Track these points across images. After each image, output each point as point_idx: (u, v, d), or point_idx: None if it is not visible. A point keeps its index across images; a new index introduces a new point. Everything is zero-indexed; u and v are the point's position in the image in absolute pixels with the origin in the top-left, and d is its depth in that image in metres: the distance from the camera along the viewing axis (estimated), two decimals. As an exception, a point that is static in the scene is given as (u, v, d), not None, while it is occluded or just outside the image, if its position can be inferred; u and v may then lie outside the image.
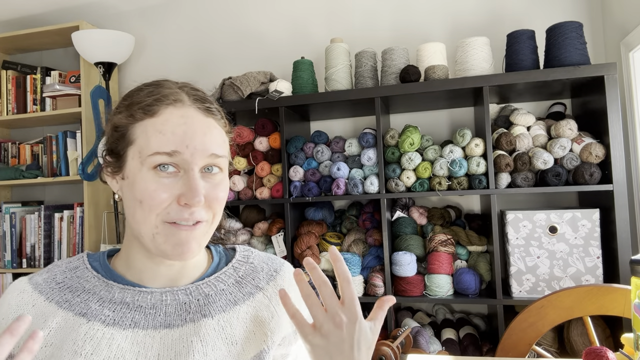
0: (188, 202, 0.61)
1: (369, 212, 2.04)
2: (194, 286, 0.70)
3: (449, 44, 2.15)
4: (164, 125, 0.63)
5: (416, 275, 1.81)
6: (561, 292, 1.30)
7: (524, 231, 1.69)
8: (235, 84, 1.97)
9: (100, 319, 0.64)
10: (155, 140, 0.62)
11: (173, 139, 0.62)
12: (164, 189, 0.62)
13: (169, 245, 0.63)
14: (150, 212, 0.62)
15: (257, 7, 2.46)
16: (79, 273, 0.69)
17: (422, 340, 1.69)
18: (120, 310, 0.66)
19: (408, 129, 1.82)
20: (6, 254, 2.52)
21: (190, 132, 0.63)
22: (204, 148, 0.64)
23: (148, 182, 0.62)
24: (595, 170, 1.62)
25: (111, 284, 0.68)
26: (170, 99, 0.65)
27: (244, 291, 0.73)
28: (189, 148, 0.62)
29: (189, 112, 0.65)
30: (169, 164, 0.62)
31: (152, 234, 0.63)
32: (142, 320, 0.65)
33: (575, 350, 1.61)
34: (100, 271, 0.70)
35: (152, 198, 0.61)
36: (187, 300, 0.69)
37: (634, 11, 1.69)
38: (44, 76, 2.54)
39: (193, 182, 0.62)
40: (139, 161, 0.63)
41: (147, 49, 2.64)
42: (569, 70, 1.63)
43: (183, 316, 0.67)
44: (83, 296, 0.66)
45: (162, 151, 0.62)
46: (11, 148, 2.67)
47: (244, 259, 0.78)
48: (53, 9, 2.57)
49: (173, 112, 0.64)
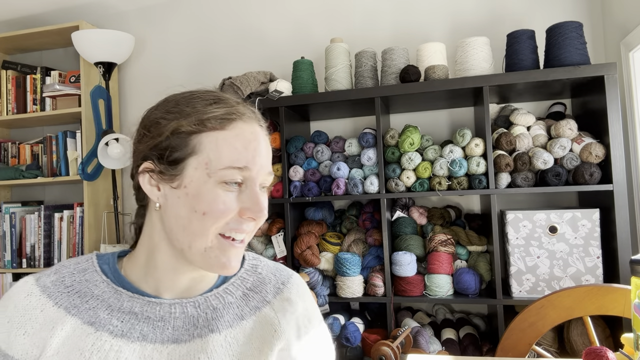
0: (254, 215, 0.63)
1: (369, 212, 2.04)
2: (203, 298, 0.69)
3: (449, 44, 2.15)
4: (237, 140, 0.63)
5: (416, 275, 1.81)
6: (561, 292, 1.30)
7: (524, 231, 1.69)
8: (235, 84, 1.97)
9: (109, 329, 0.63)
10: (229, 154, 0.62)
11: (245, 155, 0.63)
12: (230, 201, 0.62)
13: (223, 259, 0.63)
14: (213, 225, 0.62)
15: (257, 7, 2.46)
16: (88, 276, 0.68)
17: (422, 340, 1.69)
18: (128, 320, 0.65)
19: (408, 129, 1.82)
20: (6, 254, 2.52)
21: (259, 150, 0.65)
22: (266, 165, 0.66)
23: (216, 195, 0.62)
24: (595, 170, 1.62)
25: (120, 291, 0.67)
26: (239, 112, 0.65)
27: (250, 305, 0.72)
28: (256, 165, 0.64)
29: (256, 128, 0.66)
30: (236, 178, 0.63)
31: (204, 247, 0.63)
32: (150, 333, 0.65)
33: (575, 350, 1.61)
34: (110, 275, 0.69)
35: (219, 209, 0.61)
36: (196, 314, 0.68)
37: (634, 11, 1.69)
38: (44, 76, 2.54)
39: (258, 197, 0.64)
40: (205, 173, 0.62)
41: (147, 49, 2.64)
42: (569, 70, 1.63)
43: (191, 331, 0.66)
44: (92, 302, 0.65)
45: (235, 166, 0.62)
46: (11, 148, 2.67)
47: (252, 268, 0.77)
48: (53, 9, 2.57)
49: (244, 127, 0.65)
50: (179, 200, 0.63)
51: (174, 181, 0.63)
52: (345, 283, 1.84)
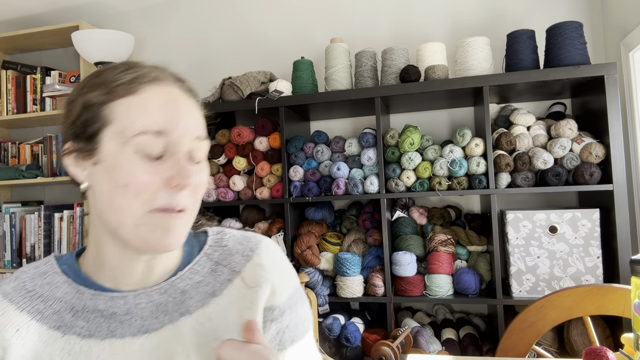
0: (180, 181, 0.57)
1: (369, 212, 2.04)
2: (168, 283, 0.65)
3: (449, 44, 2.15)
4: (149, 102, 0.58)
5: (416, 275, 1.81)
6: (561, 292, 1.30)
7: (524, 231, 1.69)
8: (235, 84, 1.97)
9: (76, 331, 0.61)
10: (140, 118, 0.57)
11: (159, 117, 0.58)
12: (153, 170, 0.57)
13: (156, 235, 0.58)
14: (136, 198, 0.57)
15: (257, 7, 2.46)
16: (49, 279, 0.65)
17: (422, 340, 1.69)
18: (94, 319, 0.62)
19: (408, 129, 1.82)
20: (6, 254, 2.52)
21: (179, 112, 0.59)
22: (191, 129, 0.60)
23: (134, 164, 0.57)
24: (595, 170, 1.62)
25: (82, 290, 0.63)
26: (152, 75, 0.61)
27: (220, 279, 0.68)
28: (177, 128, 0.58)
29: (173, 90, 0.61)
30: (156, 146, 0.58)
31: (134, 224, 0.58)
32: (118, 328, 0.62)
33: (575, 350, 1.61)
34: (70, 275, 0.65)
35: (140, 182, 0.56)
36: (164, 301, 0.64)
37: (634, 11, 1.69)
38: (44, 76, 2.54)
39: (182, 162, 0.58)
40: (121, 142, 0.57)
41: (147, 48, 2.63)
42: (569, 70, 1.63)
43: (160, 318, 0.63)
44: (55, 306, 0.62)
45: (149, 130, 0.57)
46: (11, 148, 2.67)
47: (216, 242, 0.72)
48: (53, 9, 2.57)
49: (157, 89, 0.60)
50: (101, 176, 0.59)
51: (93, 157, 0.60)
52: (345, 283, 1.84)
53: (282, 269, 0.72)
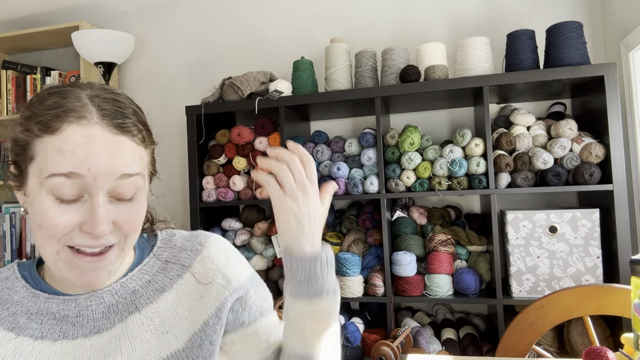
0: (90, 231, 0.57)
1: (369, 212, 2.04)
2: (118, 284, 0.67)
3: (449, 44, 2.15)
4: (64, 144, 0.56)
5: (416, 275, 1.81)
6: (561, 292, 1.30)
7: (524, 231, 1.69)
8: (235, 84, 1.97)
9: (29, 333, 0.63)
10: (53, 161, 0.56)
11: (72, 159, 0.56)
12: (65, 215, 0.57)
13: (72, 275, 0.60)
14: (50, 239, 0.58)
15: (257, 7, 2.46)
16: (9, 284, 0.67)
17: (422, 340, 1.69)
18: (47, 322, 0.64)
19: (408, 129, 1.82)
20: (6, 254, 2.52)
21: (95, 154, 0.57)
22: (110, 170, 0.58)
23: (47, 207, 0.57)
24: (595, 170, 1.62)
25: (37, 294, 0.66)
26: (73, 115, 0.58)
27: (170, 275, 0.70)
28: (90, 171, 0.56)
29: (95, 130, 0.58)
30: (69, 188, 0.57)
31: (53, 260, 0.59)
32: (70, 330, 0.64)
33: (575, 350, 1.61)
34: (30, 280, 0.68)
35: (51, 225, 0.57)
36: (114, 301, 0.66)
37: (634, 11, 1.69)
38: (44, 76, 2.54)
39: (95, 210, 0.57)
40: (38, 182, 0.57)
41: (147, 49, 2.64)
42: (569, 70, 1.63)
43: (111, 318, 0.66)
44: (12, 309, 0.65)
45: (58, 172, 0.56)
46: (11, 148, 2.67)
47: (165, 244, 0.74)
48: (53, 9, 2.57)
49: (75, 130, 0.57)
50: (29, 208, 0.61)
51: (22, 189, 0.62)
52: (345, 283, 1.84)
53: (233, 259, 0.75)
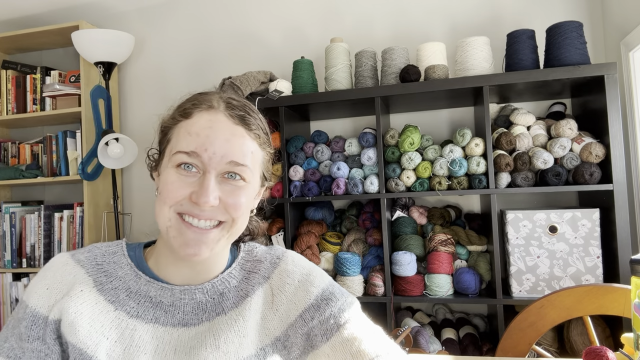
0: (196, 200, 0.64)
1: (369, 212, 2.04)
2: (210, 284, 0.73)
3: (449, 44, 2.14)
4: (192, 127, 0.67)
5: (416, 275, 1.81)
6: (561, 291, 1.30)
7: (524, 231, 1.69)
8: (235, 84, 1.97)
9: (126, 309, 0.70)
10: (182, 140, 0.67)
11: (196, 140, 0.66)
12: (181, 184, 0.66)
13: (177, 242, 0.66)
14: (165, 204, 0.66)
15: (257, 7, 2.46)
16: (116, 259, 0.74)
17: (422, 340, 1.69)
18: (143, 303, 0.70)
19: (408, 129, 1.82)
20: (6, 254, 2.52)
21: (213, 136, 0.66)
22: (223, 154, 0.66)
23: (168, 176, 0.67)
24: (595, 170, 1.62)
25: (140, 275, 0.72)
26: (205, 104, 0.69)
27: (252, 283, 0.76)
28: (207, 151, 0.65)
29: (219, 117, 0.68)
30: (191, 164, 0.66)
31: (166, 226, 0.67)
32: (162, 316, 0.70)
33: (575, 350, 1.61)
34: (134, 260, 0.74)
35: (169, 190, 0.65)
36: (204, 300, 0.72)
37: (634, 11, 1.69)
38: (44, 76, 2.54)
39: (205, 183, 0.65)
40: (168, 158, 0.68)
41: (147, 48, 2.63)
42: (569, 70, 1.63)
43: (199, 315, 0.71)
44: (115, 283, 0.71)
45: (182, 150, 0.66)
46: (11, 148, 2.67)
47: (248, 254, 0.80)
48: (53, 9, 2.57)
49: (204, 115, 0.68)
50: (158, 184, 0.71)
51: (157, 169, 0.72)
52: (345, 283, 1.84)
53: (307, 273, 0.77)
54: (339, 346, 0.70)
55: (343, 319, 0.72)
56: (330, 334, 0.71)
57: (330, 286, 0.76)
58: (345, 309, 0.73)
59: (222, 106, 0.69)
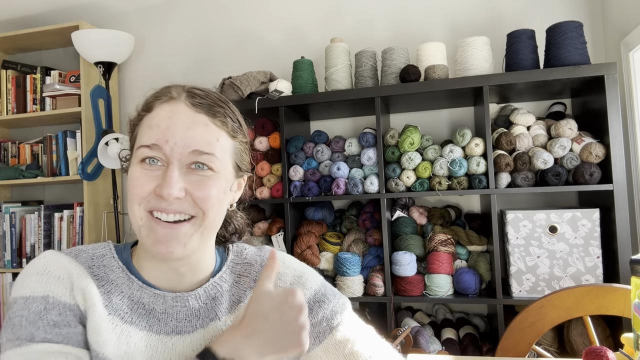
0: (160, 192, 0.62)
1: (369, 212, 2.04)
2: (202, 290, 0.71)
3: (449, 44, 2.14)
4: (153, 119, 0.65)
5: (416, 275, 1.81)
6: (561, 291, 1.30)
7: (524, 231, 1.69)
8: (235, 84, 1.97)
9: (119, 314, 0.66)
10: (144, 134, 0.65)
11: (156, 132, 0.64)
12: (146, 179, 0.63)
13: (150, 240, 0.63)
14: (134, 202, 0.64)
15: (257, 7, 2.46)
16: (106, 262, 0.70)
17: (422, 340, 1.69)
18: (137, 310, 0.68)
19: (408, 129, 1.82)
20: (6, 254, 2.52)
21: (173, 126, 0.64)
22: (185, 144, 0.63)
23: (134, 172, 0.64)
24: (595, 170, 1.62)
25: (132, 280, 0.69)
26: (167, 96, 0.67)
27: (243, 287, 0.74)
28: (168, 142, 0.63)
29: (179, 106, 0.65)
30: (154, 158, 0.63)
31: (138, 225, 0.64)
32: (155, 324, 0.68)
33: (575, 350, 1.61)
34: (124, 263, 0.71)
35: (134, 186, 0.63)
36: (197, 306, 0.70)
37: (634, 11, 1.69)
38: (44, 76, 2.54)
39: (168, 174, 0.62)
40: (134, 154, 0.66)
41: (147, 48, 2.63)
42: (569, 70, 1.63)
43: (193, 322, 0.69)
44: (107, 287, 0.68)
45: (144, 144, 0.64)
46: (11, 148, 2.67)
47: (237, 256, 0.78)
48: (53, 9, 2.57)
49: (164, 107, 0.66)
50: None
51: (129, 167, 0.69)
52: (345, 283, 1.84)
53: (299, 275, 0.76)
54: (332, 348, 0.70)
55: (336, 321, 0.72)
56: (323, 336, 0.71)
57: (322, 287, 0.76)
58: (338, 311, 0.73)
59: (183, 96, 0.66)
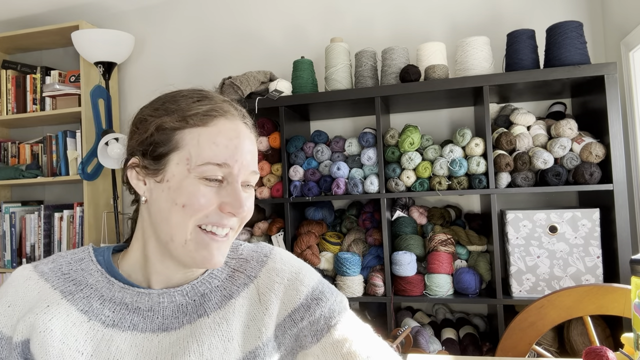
0: (233, 211, 0.64)
1: (369, 212, 2.04)
2: (190, 286, 0.71)
3: (449, 44, 2.14)
4: (218, 136, 0.65)
5: (416, 275, 1.81)
6: (561, 291, 1.30)
7: (524, 231, 1.69)
8: (235, 84, 1.97)
9: (101, 319, 0.66)
10: (209, 151, 0.64)
11: (225, 152, 0.64)
12: (212, 195, 0.64)
13: (200, 254, 0.65)
14: (191, 217, 0.63)
15: (257, 7, 2.46)
16: (84, 265, 0.70)
17: (422, 340, 1.69)
18: (119, 311, 0.67)
19: (408, 129, 1.82)
20: (6, 254, 2.52)
21: (241, 147, 0.66)
22: (248, 164, 0.67)
23: (196, 188, 0.63)
24: (595, 170, 1.62)
25: (112, 282, 0.69)
26: (222, 110, 0.67)
27: (237, 283, 0.73)
28: (237, 162, 0.65)
29: (240, 126, 0.68)
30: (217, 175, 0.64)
31: (184, 240, 0.64)
32: (140, 322, 0.67)
33: (575, 350, 1.61)
34: (104, 266, 0.71)
35: (198, 203, 0.63)
36: (184, 302, 0.69)
37: (634, 11, 1.69)
38: (44, 76, 2.54)
39: (239, 194, 0.65)
40: (186, 168, 0.64)
41: (147, 48, 2.63)
42: (569, 69, 1.63)
43: (180, 318, 0.68)
44: (86, 291, 0.68)
45: (214, 162, 0.63)
46: (11, 148, 2.67)
47: (232, 252, 0.78)
48: (53, 9, 2.57)
49: (225, 124, 0.66)
50: (162, 194, 0.65)
51: (158, 175, 0.65)
52: (345, 283, 1.84)
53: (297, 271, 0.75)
54: (330, 347, 0.69)
55: (334, 320, 0.71)
56: (321, 334, 0.70)
57: (320, 284, 0.75)
58: (336, 309, 0.72)
59: (236, 113, 0.69)
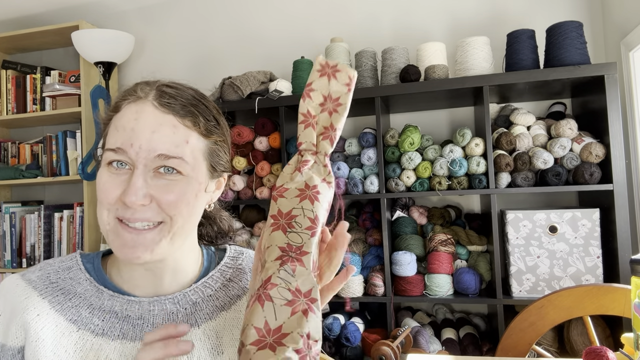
0: (124, 199, 0.58)
1: (369, 212, 2.04)
2: (182, 294, 0.68)
3: (449, 44, 2.14)
4: (119, 121, 0.61)
5: (416, 275, 1.81)
6: (561, 291, 1.30)
7: (524, 231, 1.69)
8: (235, 84, 1.97)
9: (90, 328, 0.64)
10: (111, 136, 0.62)
11: (122, 135, 0.60)
12: (113, 185, 0.60)
13: (115, 245, 0.61)
14: (102, 208, 0.61)
15: (257, 7, 2.46)
16: (72, 274, 0.68)
17: (422, 340, 1.69)
18: (109, 319, 0.65)
19: (408, 129, 1.82)
20: (6, 254, 2.52)
21: (138, 130, 0.59)
22: (150, 147, 0.59)
23: (102, 177, 0.61)
24: (595, 170, 1.62)
25: (102, 290, 0.67)
26: (135, 95, 0.62)
27: (230, 294, 0.71)
28: (133, 146, 0.59)
29: (145, 107, 0.61)
30: (121, 161, 0.60)
31: (105, 230, 0.62)
32: (130, 331, 0.65)
33: (575, 350, 1.61)
34: (93, 274, 0.69)
35: (102, 192, 0.60)
36: (175, 310, 0.67)
37: (634, 11, 1.69)
38: (44, 76, 2.54)
39: (132, 180, 0.59)
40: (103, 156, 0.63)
41: (147, 48, 2.63)
42: (569, 69, 1.63)
43: None
44: (74, 300, 0.66)
45: (109, 148, 0.61)
46: (11, 148, 2.67)
47: (232, 261, 0.75)
48: (53, 9, 2.57)
49: (131, 107, 0.62)
50: None
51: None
52: (345, 283, 1.84)
53: None
54: None
55: None
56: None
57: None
58: None
59: (151, 95, 0.62)
